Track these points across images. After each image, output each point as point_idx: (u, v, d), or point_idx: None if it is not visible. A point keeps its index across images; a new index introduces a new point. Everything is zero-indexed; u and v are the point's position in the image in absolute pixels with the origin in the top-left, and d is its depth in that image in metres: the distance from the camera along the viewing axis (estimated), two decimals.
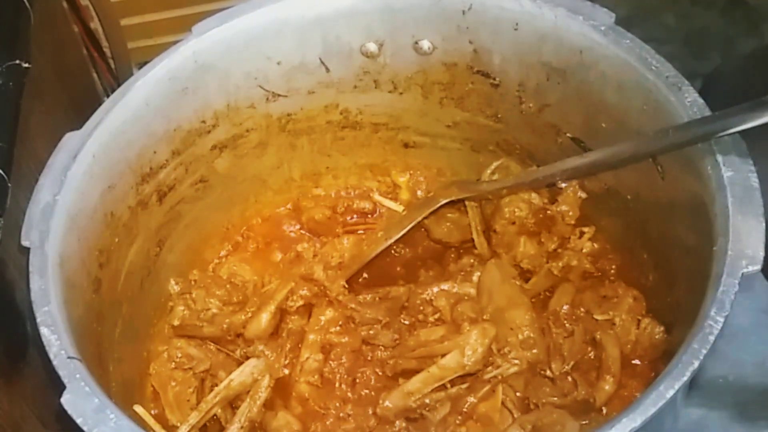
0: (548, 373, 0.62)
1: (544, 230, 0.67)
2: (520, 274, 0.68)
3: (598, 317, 0.64)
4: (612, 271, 0.68)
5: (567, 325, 0.63)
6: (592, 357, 0.63)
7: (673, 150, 0.57)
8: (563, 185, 0.67)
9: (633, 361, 0.63)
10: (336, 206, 0.79)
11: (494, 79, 0.69)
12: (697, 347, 0.46)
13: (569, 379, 0.61)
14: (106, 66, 1.00)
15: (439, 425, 0.60)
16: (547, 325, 0.64)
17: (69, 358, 0.50)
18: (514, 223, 0.68)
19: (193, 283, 0.71)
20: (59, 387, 0.49)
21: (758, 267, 0.49)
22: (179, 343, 0.68)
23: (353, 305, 0.67)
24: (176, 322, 0.69)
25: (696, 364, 0.46)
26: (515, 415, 0.60)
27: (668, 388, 0.45)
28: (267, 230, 0.78)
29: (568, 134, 0.68)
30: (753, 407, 0.66)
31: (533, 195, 0.68)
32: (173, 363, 0.67)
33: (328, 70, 0.70)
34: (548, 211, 0.67)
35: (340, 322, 0.68)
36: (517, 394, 0.61)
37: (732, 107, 0.51)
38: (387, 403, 0.61)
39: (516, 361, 0.60)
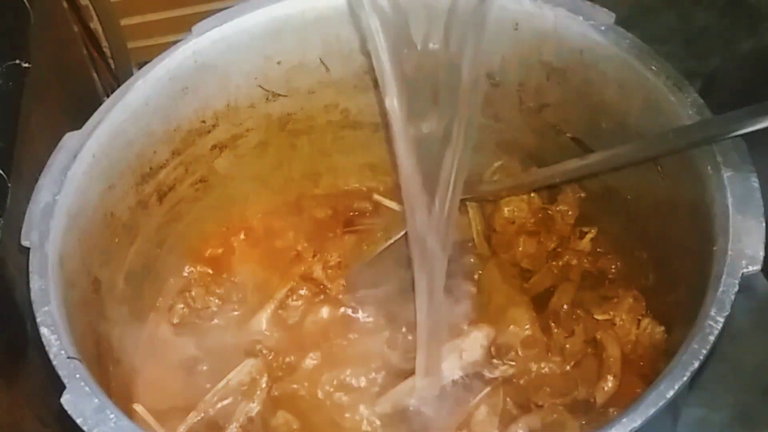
0: (548, 372, 0.62)
1: (544, 230, 0.67)
2: (520, 274, 0.68)
3: (599, 317, 0.63)
4: (612, 271, 0.68)
5: (567, 324, 0.64)
6: (593, 357, 0.63)
7: (673, 153, 0.57)
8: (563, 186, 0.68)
9: (633, 361, 0.63)
10: (336, 206, 0.79)
11: (494, 78, 0.69)
12: (697, 347, 0.46)
13: (569, 378, 0.61)
14: (106, 66, 1.00)
15: (438, 425, 0.60)
16: (548, 324, 0.64)
17: (69, 358, 0.50)
18: (513, 222, 0.68)
19: (192, 281, 0.71)
20: (59, 387, 0.49)
21: (758, 267, 0.49)
22: (179, 341, 0.68)
23: (353, 304, 0.67)
24: (176, 320, 0.69)
25: (696, 364, 0.46)
26: (515, 415, 0.60)
27: (668, 388, 0.45)
28: (267, 230, 0.78)
29: (568, 134, 0.68)
30: (753, 407, 0.66)
31: (533, 195, 0.68)
32: (173, 362, 0.67)
33: (327, 69, 0.70)
34: (548, 211, 0.67)
35: (340, 322, 0.68)
36: (517, 394, 0.61)
37: (733, 111, 0.51)
38: (385, 402, 0.61)
39: (513, 363, 0.61)
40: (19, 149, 0.62)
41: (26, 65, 0.65)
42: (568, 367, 0.62)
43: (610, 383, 0.60)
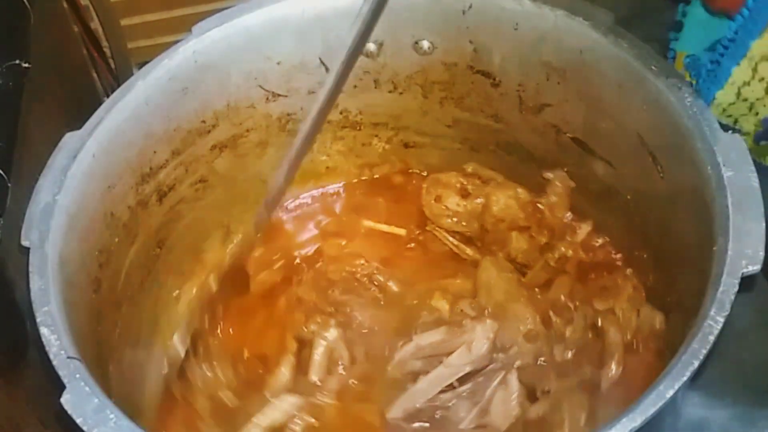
0: (552, 362, 0.62)
1: (534, 224, 0.67)
2: (517, 269, 0.68)
3: (599, 307, 0.64)
4: (611, 262, 0.68)
5: (567, 313, 0.63)
6: (594, 343, 0.62)
7: None
8: (550, 176, 0.67)
9: (635, 350, 0.62)
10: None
11: (494, 78, 0.69)
12: (697, 347, 0.46)
13: (574, 361, 0.61)
14: (106, 66, 1.00)
15: (459, 423, 0.60)
16: (548, 315, 0.63)
17: (69, 358, 0.50)
18: (503, 220, 0.68)
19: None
20: (59, 387, 0.49)
21: (758, 267, 0.49)
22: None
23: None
24: None
25: (696, 364, 0.46)
26: (525, 406, 0.60)
27: (668, 388, 0.45)
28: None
29: (568, 134, 0.68)
30: (753, 407, 0.66)
31: (519, 190, 0.68)
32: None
33: (328, 69, 0.70)
34: (537, 205, 0.67)
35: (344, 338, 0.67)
36: (524, 384, 0.61)
37: None
38: (395, 409, 0.60)
39: (518, 356, 0.60)
40: (19, 149, 0.62)
41: (26, 65, 0.65)
42: (570, 354, 0.62)
43: (613, 369, 0.60)
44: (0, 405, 0.58)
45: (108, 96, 0.63)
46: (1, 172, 0.58)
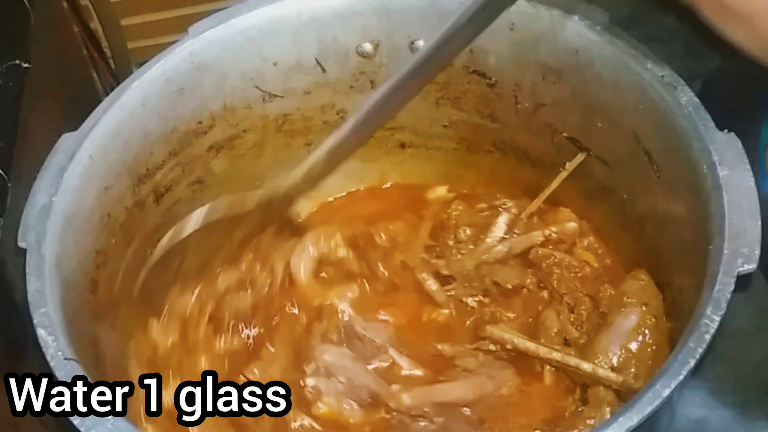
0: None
1: None
2: None
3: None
4: None
5: None
6: None
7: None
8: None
9: None
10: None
11: (490, 79, 0.69)
12: (693, 346, 0.46)
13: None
14: (106, 66, 1.01)
15: None
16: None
17: (66, 359, 0.50)
18: None
19: None
20: None
21: (754, 266, 0.49)
22: None
23: None
24: None
25: (692, 362, 0.46)
26: None
27: (664, 387, 0.45)
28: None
29: (564, 134, 0.68)
30: (753, 407, 0.66)
31: None
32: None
33: (324, 70, 0.70)
34: None
35: None
36: None
37: None
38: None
39: None
40: (19, 149, 0.62)
41: (26, 65, 0.65)
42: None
43: None
44: (0, 405, 0.58)
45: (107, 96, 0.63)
46: (1, 172, 0.59)
